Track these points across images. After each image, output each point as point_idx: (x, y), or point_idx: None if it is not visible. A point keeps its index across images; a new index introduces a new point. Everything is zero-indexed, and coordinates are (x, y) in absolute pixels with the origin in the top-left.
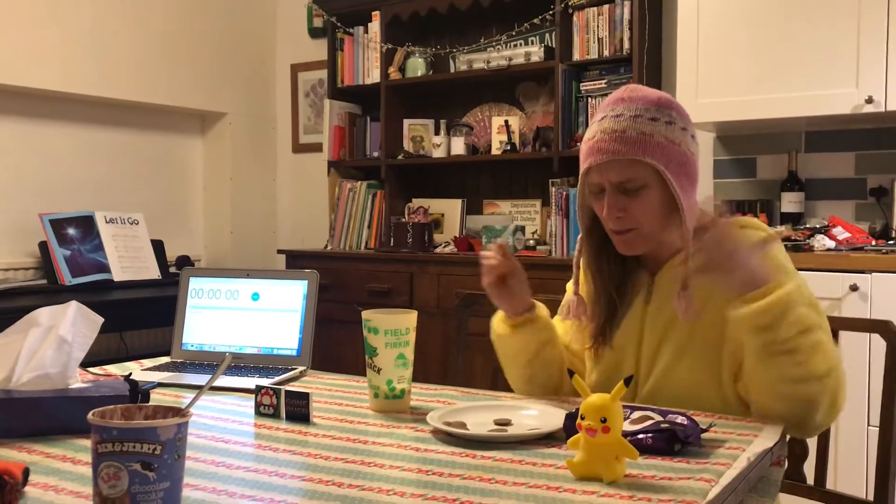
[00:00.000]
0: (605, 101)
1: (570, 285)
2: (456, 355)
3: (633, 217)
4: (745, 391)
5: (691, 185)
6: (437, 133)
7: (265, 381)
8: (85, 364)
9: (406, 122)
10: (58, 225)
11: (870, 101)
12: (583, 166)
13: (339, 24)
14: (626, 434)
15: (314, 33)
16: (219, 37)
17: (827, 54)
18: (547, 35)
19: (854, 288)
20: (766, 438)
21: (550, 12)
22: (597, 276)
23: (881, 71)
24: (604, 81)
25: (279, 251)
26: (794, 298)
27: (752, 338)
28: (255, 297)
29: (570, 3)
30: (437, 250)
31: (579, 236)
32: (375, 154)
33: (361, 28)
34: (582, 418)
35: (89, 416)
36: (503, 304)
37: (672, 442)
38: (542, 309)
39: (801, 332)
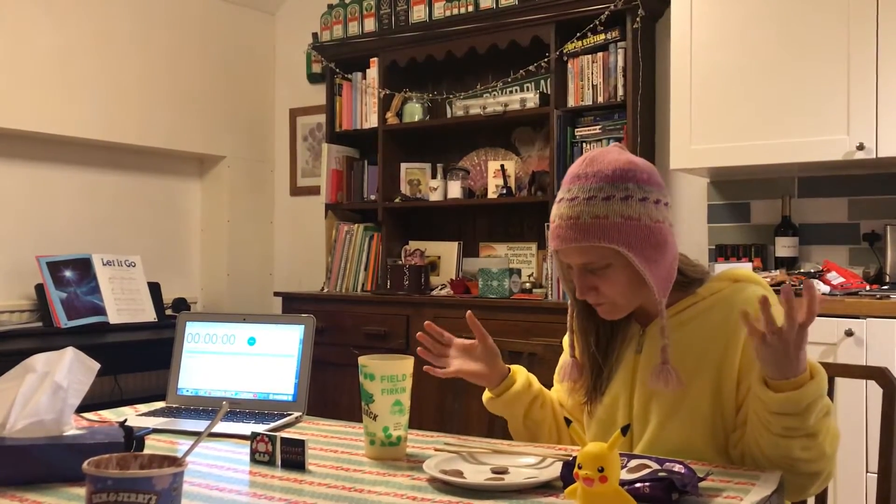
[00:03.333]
0: (566, 174)
1: (566, 341)
2: (452, 400)
3: (603, 294)
4: (741, 450)
5: (658, 252)
6: (433, 177)
7: (260, 428)
8: (79, 408)
9: (403, 165)
10: (54, 267)
11: (861, 147)
12: (550, 248)
13: (337, 70)
14: (623, 483)
15: (313, 79)
16: (219, 81)
17: (818, 102)
18: (542, 82)
19: (849, 333)
20: (763, 487)
21: (545, 59)
22: (581, 336)
23: (871, 118)
24: (598, 127)
25: (276, 293)
26: (824, 387)
27: (775, 418)
28: (252, 341)
29: (564, 51)
30: (434, 293)
31: (570, 300)
32: (373, 197)
33: (360, 74)
34: (579, 467)
35: (84, 465)
36: (478, 382)
37: (670, 491)
38: (518, 374)
39: (821, 418)
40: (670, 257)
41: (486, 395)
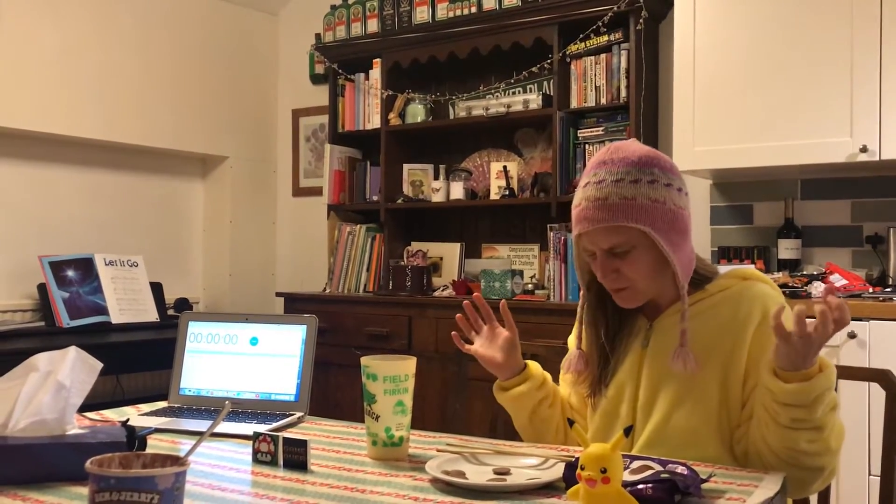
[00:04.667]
0: (589, 162)
1: (571, 340)
2: (454, 401)
3: (626, 277)
4: (745, 447)
5: (682, 237)
6: (436, 178)
7: (263, 428)
8: (81, 408)
9: (406, 166)
10: (57, 267)
11: (864, 150)
12: (573, 233)
13: (340, 71)
14: (625, 484)
15: (316, 80)
16: (221, 82)
17: (822, 104)
18: (545, 83)
19: (852, 335)
20: (766, 489)
21: (549, 61)
22: (590, 328)
23: (874, 121)
24: (601, 129)
25: (278, 294)
26: (832, 381)
27: (783, 409)
28: (254, 341)
29: (567, 52)
30: (436, 294)
31: (581, 292)
32: (375, 198)
33: (362, 75)
34: (582, 468)
35: (87, 464)
36: (491, 370)
37: (672, 492)
38: (532, 374)
39: (828, 412)
40: (690, 245)
41: (496, 384)
